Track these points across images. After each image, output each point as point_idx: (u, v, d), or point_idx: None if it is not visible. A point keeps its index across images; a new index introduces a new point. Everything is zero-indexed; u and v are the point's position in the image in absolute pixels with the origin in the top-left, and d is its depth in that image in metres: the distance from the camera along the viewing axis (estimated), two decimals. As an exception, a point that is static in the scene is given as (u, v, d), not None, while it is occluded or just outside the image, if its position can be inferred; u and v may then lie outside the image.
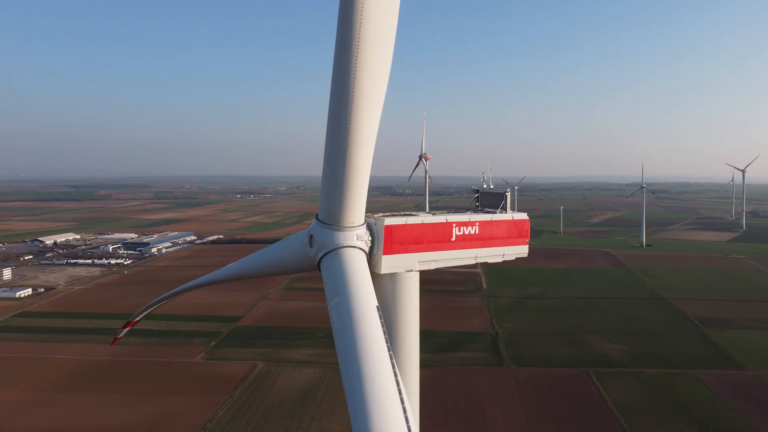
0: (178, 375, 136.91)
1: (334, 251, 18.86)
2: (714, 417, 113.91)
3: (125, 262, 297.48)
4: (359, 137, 16.73)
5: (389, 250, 20.89)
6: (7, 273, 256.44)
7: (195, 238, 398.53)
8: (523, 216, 25.69)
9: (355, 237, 19.10)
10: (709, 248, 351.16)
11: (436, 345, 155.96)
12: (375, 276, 20.69)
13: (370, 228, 20.60)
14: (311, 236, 19.80)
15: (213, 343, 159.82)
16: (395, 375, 15.36)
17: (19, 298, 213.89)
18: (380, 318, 16.78)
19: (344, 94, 16.11)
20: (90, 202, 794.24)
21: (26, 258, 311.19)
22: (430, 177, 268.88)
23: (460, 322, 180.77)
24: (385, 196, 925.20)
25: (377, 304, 17.29)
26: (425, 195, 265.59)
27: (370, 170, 17.96)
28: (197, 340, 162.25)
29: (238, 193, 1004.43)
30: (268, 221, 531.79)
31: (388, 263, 20.92)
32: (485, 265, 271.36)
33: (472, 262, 24.05)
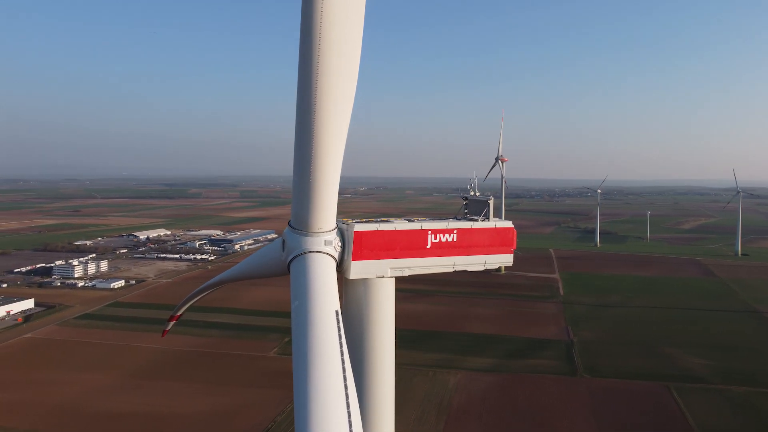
0: (253, 368, 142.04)
1: (301, 255, 19.18)
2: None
3: (209, 258, 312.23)
4: (325, 145, 16.71)
5: (359, 256, 21.09)
6: (104, 265, 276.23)
7: (276, 236, 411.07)
8: (508, 224, 25.35)
9: (323, 242, 19.26)
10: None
11: (506, 351, 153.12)
12: (347, 281, 21.02)
13: (342, 234, 20.83)
14: (284, 241, 20.31)
15: (286, 339, 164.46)
16: (345, 379, 15.47)
17: (113, 289, 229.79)
18: (338, 323, 16.83)
19: (308, 99, 15.96)
20: (181, 200, 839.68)
21: (122, 251, 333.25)
22: (505, 180, 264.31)
23: (533, 328, 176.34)
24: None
25: (338, 308, 17.32)
26: (501, 198, 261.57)
27: (338, 177, 17.94)
28: (272, 335, 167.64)
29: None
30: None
31: (358, 269, 21.16)
32: (564, 271, 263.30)
33: (450, 269, 23.86)
